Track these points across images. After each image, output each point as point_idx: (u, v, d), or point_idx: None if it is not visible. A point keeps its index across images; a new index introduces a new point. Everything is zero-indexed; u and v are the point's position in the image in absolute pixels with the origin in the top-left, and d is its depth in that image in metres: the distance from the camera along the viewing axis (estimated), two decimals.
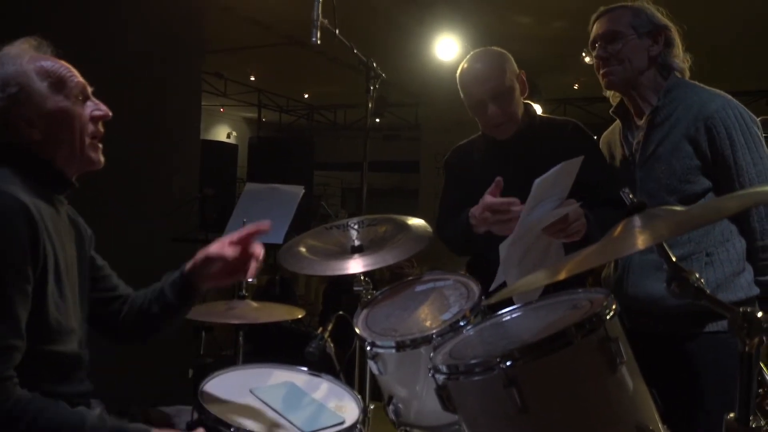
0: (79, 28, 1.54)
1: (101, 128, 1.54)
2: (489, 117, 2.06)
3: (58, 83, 1.46)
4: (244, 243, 1.60)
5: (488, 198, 1.87)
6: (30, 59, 1.45)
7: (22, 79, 1.41)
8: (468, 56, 2.14)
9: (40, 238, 1.35)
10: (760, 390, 1.63)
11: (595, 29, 2.03)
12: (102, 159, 1.55)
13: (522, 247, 1.81)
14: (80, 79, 1.51)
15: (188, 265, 1.63)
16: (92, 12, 2.98)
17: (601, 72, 2.01)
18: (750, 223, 1.84)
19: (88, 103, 1.52)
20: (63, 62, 1.50)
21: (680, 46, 2.00)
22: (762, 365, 1.71)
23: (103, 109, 1.54)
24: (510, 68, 2.09)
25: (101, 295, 1.68)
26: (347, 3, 2.43)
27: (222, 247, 1.59)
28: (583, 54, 2.06)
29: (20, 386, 1.31)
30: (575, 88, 9.77)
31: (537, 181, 1.68)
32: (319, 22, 2.19)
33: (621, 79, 1.98)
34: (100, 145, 1.55)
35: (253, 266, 1.62)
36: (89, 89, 1.52)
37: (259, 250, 1.62)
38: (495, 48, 2.14)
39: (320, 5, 2.20)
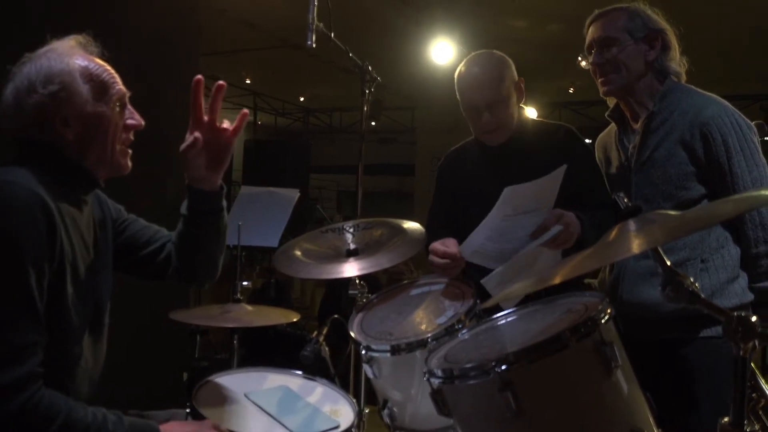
0: (73, 31, 1.53)
1: (131, 136, 1.55)
2: (481, 123, 2.05)
3: (100, 88, 1.46)
4: (210, 120, 1.61)
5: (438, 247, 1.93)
6: (77, 59, 1.45)
7: (65, 78, 1.41)
8: (468, 57, 2.10)
9: (57, 234, 1.35)
10: (754, 395, 1.64)
11: (590, 34, 2.01)
12: (130, 165, 1.56)
13: (508, 275, 1.82)
14: (122, 86, 1.51)
15: (186, 178, 1.67)
16: (86, 16, 2.97)
17: (598, 80, 2.00)
18: (744, 231, 1.83)
19: (125, 110, 1.53)
20: (107, 66, 1.50)
21: (677, 49, 1.98)
22: (755, 369, 1.72)
23: (137, 119, 1.55)
24: (509, 76, 2.06)
25: (144, 252, 1.71)
26: (343, 6, 2.43)
27: (190, 137, 1.59)
28: (579, 59, 2.04)
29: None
30: (570, 91, 9.80)
31: (508, 188, 1.69)
32: (314, 26, 2.19)
33: (619, 87, 1.97)
34: (130, 151, 1.55)
35: (237, 122, 1.64)
36: (127, 96, 1.53)
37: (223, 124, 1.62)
38: (496, 52, 2.10)
39: (315, 9, 2.19)
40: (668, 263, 1.13)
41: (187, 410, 1.62)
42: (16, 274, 1.27)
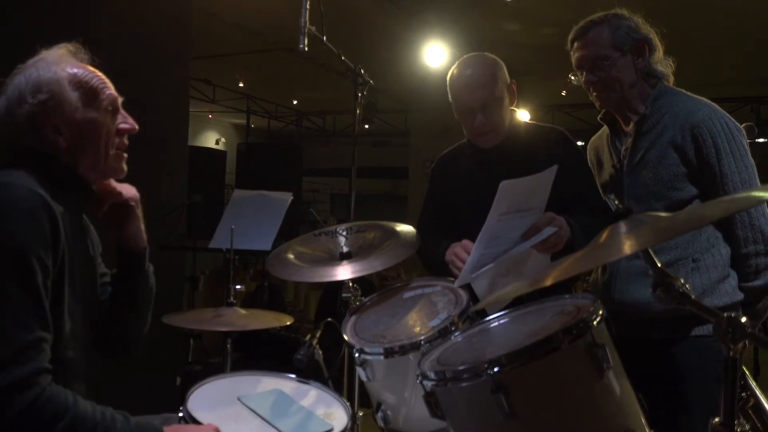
0: (66, 35, 1.53)
1: (126, 140, 1.55)
2: (475, 125, 2.05)
3: (90, 94, 1.46)
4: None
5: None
6: (65, 67, 1.45)
7: (54, 87, 1.41)
8: (461, 60, 2.11)
9: (60, 235, 1.35)
10: (744, 394, 1.65)
11: (576, 51, 1.99)
12: (125, 168, 1.55)
13: (496, 275, 1.83)
14: (112, 91, 1.51)
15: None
16: (78, 18, 2.97)
17: (592, 94, 2.00)
18: (734, 231, 1.86)
19: (117, 115, 1.52)
20: (97, 72, 1.50)
21: (660, 49, 1.99)
22: (744, 369, 1.73)
23: (130, 123, 1.54)
24: (502, 78, 2.06)
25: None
26: (335, 10, 2.43)
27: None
28: (571, 77, 2.03)
29: None
30: (563, 94, 9.83)
31: (504, 182, 1.69)
32: (306, 29, 2.19)
33: (615, 102, 1.98)
34: (125, 155, 1.55)
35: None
36: (120, 101, 1.53)
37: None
38: (488, 55, 2.11)
39: (308, 12, 2.20)
40: (659, 265, 1.13)
41: (180, 414, 1.62)
42: (23, 272, 1.28)
